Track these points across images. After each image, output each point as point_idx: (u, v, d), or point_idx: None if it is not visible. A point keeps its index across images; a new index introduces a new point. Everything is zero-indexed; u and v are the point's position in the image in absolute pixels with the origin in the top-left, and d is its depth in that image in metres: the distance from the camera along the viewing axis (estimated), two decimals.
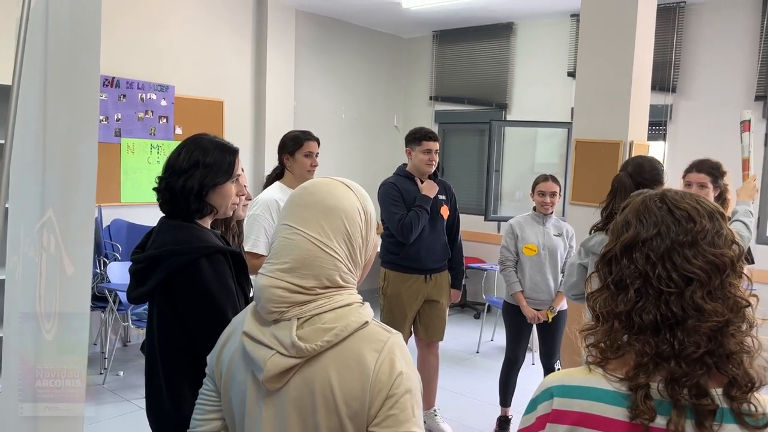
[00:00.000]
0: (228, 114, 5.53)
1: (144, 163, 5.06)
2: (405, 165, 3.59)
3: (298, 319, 1.08)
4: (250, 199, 2.56)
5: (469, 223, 6.55)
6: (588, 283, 1.09)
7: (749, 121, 3.00)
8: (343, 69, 6.61)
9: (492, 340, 5.61)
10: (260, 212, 2.84)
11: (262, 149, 5.75)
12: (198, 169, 1.61)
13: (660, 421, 0.90)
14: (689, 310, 0.91)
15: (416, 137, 3.49)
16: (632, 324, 0.94)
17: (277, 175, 3.09)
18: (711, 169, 3.03)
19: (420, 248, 3.41)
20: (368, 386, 1.05)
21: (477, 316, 6.30)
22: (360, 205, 1.16)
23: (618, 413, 0.93)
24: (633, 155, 3.70)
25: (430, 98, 7.08)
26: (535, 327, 3.63)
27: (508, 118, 6.49)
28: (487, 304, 5.70)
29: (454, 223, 3.66)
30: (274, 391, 1.09)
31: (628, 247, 0.98)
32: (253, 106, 5.76)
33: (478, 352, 5.32)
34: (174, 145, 1.72)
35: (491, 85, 6.59)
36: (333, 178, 1.20)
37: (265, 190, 3.02)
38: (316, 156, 3.03)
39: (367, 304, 1.16)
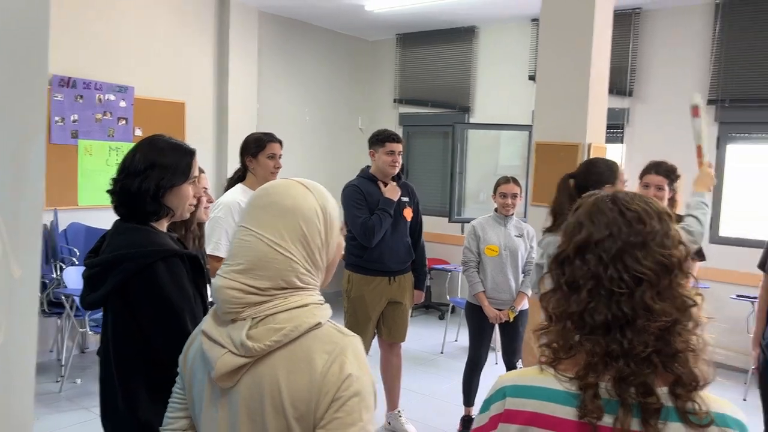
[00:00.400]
0: (189, 115, 5.46)
1: (102, 166, 4.95)
2: (368, 167, 3.60)
3: (252, 318, 1.08)
4: (211, 202, 2.53)
5: (433, 225, 6.59)
6: (541, 283, 1.11)
7: (697, 105, 2.81)
8: (307, 71, 6.59)
9: (456, 340, 5.65)
10: (222, 215, 2.81)
11: (225, 151, 5.69)
12: (154, 171, 1.58)
13: (608, 420, 0.92)
14: (639, 310, 0.93)
15: (379, 139, 3.50)
16: (584, 324, 0.96)
17: (239, 177, 3.07)
18: (668, 172, 3.15)
19: (383, 250, 3.43)
20: (315, 388, 1.04)
21: (441, 317, 6.35)
22: (319, 206, 1.15)
23: (568, 413, 0.94)
24: (591, 157, 3.79)
25: (395, 101, 7.11)
26: (497, 327, 3.68)
27: (471, 120, 6.56)
28: (451, 304, 5.75)
29: (417, 225, 3.69)
30: (227, 390, 1.09)
31: (580, 248, 0.99)
32: (215, 107, 5.69)
33: (442, 353, 5.35)
34: None
35: (454, 88, 6.65)
36: (293, 179, 1.19)
37: (227, 192, 2.99)
38: (280, 158, 3.02)
39: (327, 305, 1.16)
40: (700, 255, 3.04)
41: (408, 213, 3.57)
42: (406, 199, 3.58)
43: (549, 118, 3.93)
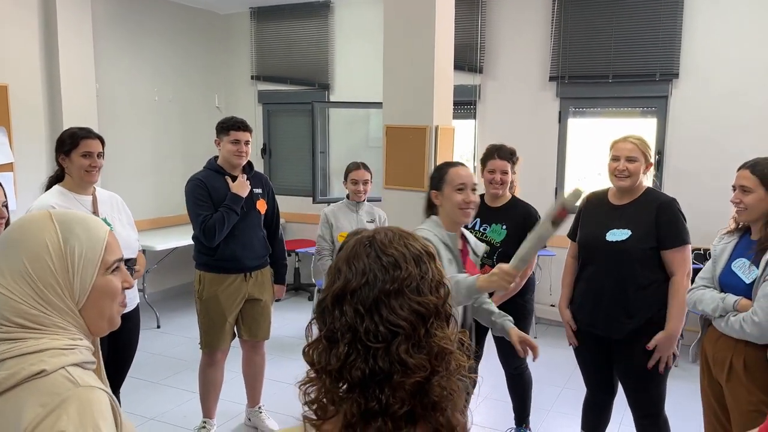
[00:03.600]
0: (14, 101, 4.86)
1: None
2: (216, 157, 3.40)
3: None
4: (3, 217, 2.23)
5: (298, 206, 6.48)
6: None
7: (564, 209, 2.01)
8: (152, 46, 6.12)
9: None
10: None
11: None
12: None
13: None
14: (395, 364, 0.90)
15: (224, 126, 3.31)
16: (343, 380, 0.92)
17: (57, 176, 2.78)
18: (510, 155, 3.23)
19: (235, 247, 3.26)
20: None
21: (311, 299, 6.31)
22: (57, 242, 1.06)
23: None
24: (439, 139, 3.85)
25: (252, 77, 6.83)
26: None
27: (332, 98, 6.45)
28: (317, 287, 5.71)
29: (273, 217, 3.53)
30: None
31: (338, 297, 0.94)
32: (45, 90, 5.12)
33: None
34: None
35: (313, 65, 6.50)
36: (48, 212, 1.10)
37: (42, 195, 2.70)
38: (99, 156, 2.75)
39: (76, 350, 1.04)
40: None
41: (261, 205, 3.42)
42: (258, 190, 3.42)
43: (396, 101, 3.93)
